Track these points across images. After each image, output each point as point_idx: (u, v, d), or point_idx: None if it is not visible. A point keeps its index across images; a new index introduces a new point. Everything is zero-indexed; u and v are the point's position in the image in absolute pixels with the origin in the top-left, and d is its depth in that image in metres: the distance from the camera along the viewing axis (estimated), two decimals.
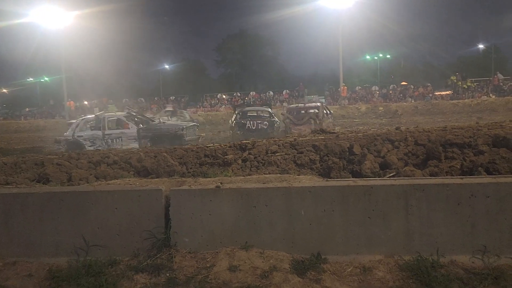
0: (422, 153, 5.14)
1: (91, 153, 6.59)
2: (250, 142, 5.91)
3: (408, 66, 60.36)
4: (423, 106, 33.05)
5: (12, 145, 20.76)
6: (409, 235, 3.62)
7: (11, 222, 4.00)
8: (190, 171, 5.35)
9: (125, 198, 3.93)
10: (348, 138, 5.91)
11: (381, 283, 3.32)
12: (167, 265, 3.66)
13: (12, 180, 4.83)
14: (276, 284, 3.31)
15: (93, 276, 3.57)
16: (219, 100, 46.80)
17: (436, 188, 3.60)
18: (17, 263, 3.88)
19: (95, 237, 3.91)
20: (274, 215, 3.75)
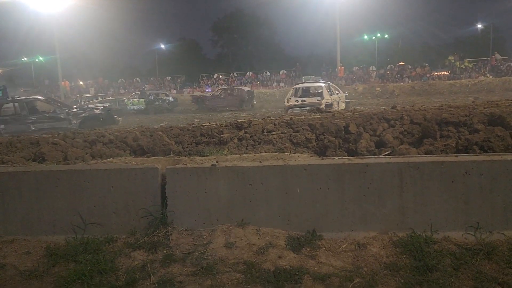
0: (417, 131, 5.15)
1: (86, 133, 6.57)
2: (246, 121, 5.90)
3: (406, 46, 59.93)
4: (420, 86, 32.97)
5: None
6: (403, 212, 3.66)
7: (8, 200, 4.01)
8: (186, 150, 5.35)
9: (121, 177, 3.94)
10: (344, 117, 5.90)
11: (375, 259, 3.37)
12: (164, 242, 3.69)
13: (7, 159, 4.82)
14: (272, 260, 3.36)
15: (90, 253, 3.61)
16: (215, 80, 46.47)
17: (430, 166, 3.63)
18: (15, 241, 3.91)
19: (92, 215, 3.94)
20: (270, 193, 3.78)
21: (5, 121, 13.87)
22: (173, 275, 3.28)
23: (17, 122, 13.84)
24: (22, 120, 13.86)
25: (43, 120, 13.98)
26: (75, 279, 3.26)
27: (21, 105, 14.29)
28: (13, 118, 14.02)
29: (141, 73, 57.49)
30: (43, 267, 3.51)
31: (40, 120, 13.98)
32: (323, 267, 3.29)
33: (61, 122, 13.80)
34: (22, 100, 14.81)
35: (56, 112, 14.31)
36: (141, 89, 33.76)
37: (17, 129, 13.18)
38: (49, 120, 14.03)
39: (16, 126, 13.55)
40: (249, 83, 43.38)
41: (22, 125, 13.66)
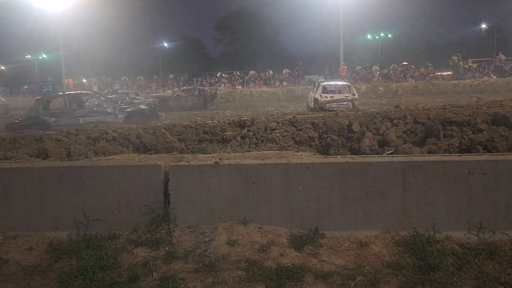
0: (421, 131, 5.14)
1: (89, 129, 6.58)
2: (249, 119, 5.90)
3: (410, 45, 59.78)
4: (424, 86, 32.87)
5: None
6: (406, 211, 3.66)
7: (11, 196, 4.03)
8: (189, 148, 5.35)
9: (124, 174, 3.95)
10: (347, 116, 5.90)
11: (377, 258, 3.37)
12: (166, 239, 3.70)
13: (11, 155, 4.84)
14: (274, 258, 3.36)
15: (93, 249, 3.62)
16: (218, 79, 46.47)
17: (434, 165, 3.62)
18: (18, 236, 3.92)
19: (94, 211, 3.95)
20: (272, 191, 3.78)
21: (55, 114, 14.19)
22: (175, 272, 3.29)
23: (66, 115, 14.13)
24: (72, 114, 14.16)
25: (91, 114, 14.25)
26: (77, 275, 3.27)
27: (70, 99, 14.65)
28: (63, 112, 14.32)
29: (144, 71, 57.49)
30: (45, 263, 3.53)
31: (88, 114, 14.26)
32: (325, 266, 3.29)
33: (108, 116, 14.09)
34: (72, 94, 15.29)
35: (103, 106, 14.60)
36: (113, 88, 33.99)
37: (66, 122, 13.47)
38: (96, 114, 14.27)
39: (65, 120, 13.84)
40: (252, 82, 43.37)
41: (71, 118, 13.94)
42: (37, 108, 14.32)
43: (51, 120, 13.92)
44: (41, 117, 13.98)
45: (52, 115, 14.16)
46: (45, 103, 14.55)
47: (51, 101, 15.00)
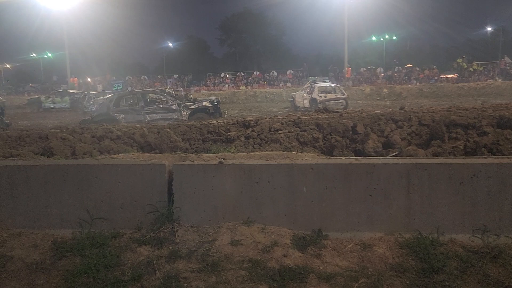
0: (425, 133, 5.13)
1: (95, 128, 6.60)
2: (253, 120, 5.90)
3: (414, 48, 59.61)
4: (428, 88, 32.82)
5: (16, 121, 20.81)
6: (410, 213, 3.64)
7: (16, 193, 4.04)
8: (193, 147, 5.37)
9: (128, 172, 3.96)
10: (351, 118, 5.89)
11: (380, 260, 3.36)
12: (169, 238, 3.70)
13: (16, 153, 4.86)
14: (277, 259, 3.36)
15: (97, 247, 3.62)
16: (222, 79, 46.53)
17: (438, 168, 3.61)
18: (22, 234, 3.93)
19: (99, 210, 3.95)
20: (276, 191, 3.78)
21: (124, 111, 14.51)
22: (178, 271, 3.29)
23: (134, 112, 14.45)
24: (139, 111, 14.47)
25: (157, 111, 14.57)
26: (81, 273, 3.27)
27: (138, 97, 15.01)
28: (131, 109, 14.65)
29: (148, 70, 57.72)
30: (49, 260, 3.53)
31: (155, 111, 14.57)
32: (328, 267, 3.29)
33: (173, 113, 14.43)
34: (140, 92, 15.60)
35: (169, 103, 14.87)
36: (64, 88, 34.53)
37: (134, 119, 13.75)
38: (162, 111, 14.60)
39: (133, 116, 14.14)
40: (256, 83, 43.41)
41: (139, 115, 14.27)
42: (108, 105, 14.72)
43: (120, 116, 14.23)
44: (111, 113, 14.33)
45: (121, 112, 14.49)
46: (115, 100, 14.87)
47: (121, 98, 15.35)
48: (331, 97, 21.82)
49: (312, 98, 21.92)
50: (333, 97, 21.67)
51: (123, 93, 16.06)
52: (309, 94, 22.51)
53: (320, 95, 21.78)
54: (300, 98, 23.77)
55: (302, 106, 22.79)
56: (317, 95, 21.75)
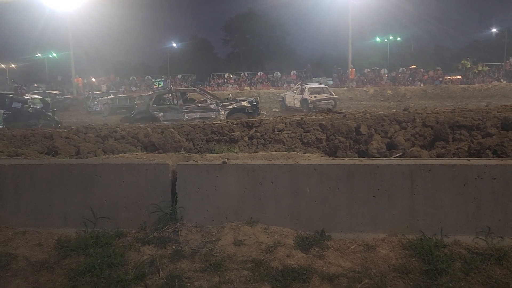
0: (429, 134, 5.11)
1: (99, 127, 6.63)
2: (257, 120, 5.91)
3: (419, 49, 59.44)
4: (432, 90, 32.70)
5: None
6: (414, 214, 3.64)
7: (21, 192, 4.07)
8: (196, 147, 5.38)
9: (132, 172, 3.97)
10: (355, 118, 5.88)
11: (384, 261, 3.36)
12: (173, 238, 3.72)
13: (21, 152, 4.89)
14: (280, 259, 3.36)
15: (101, 246, 3.64)
16: (226, 79, 46.57)
17: (442, 169, 3.60)
18: (27, 232, 3.96)
19: (102, 209, 3.97)
20: (279, 191, 3.78)
21: (163, 109, 14.52)
22: (182, 270, 3.30)
23: (173, 111, 14.47)
24: (178, 110, 14.46)
25: (195, 110, 14.54)
26: (85, 272, 3.29)
27: (177, 95, 14.97)
28: (170, 107, 14.64)
29: (153, 70, 57.86)
30: (54, 259, 3.55)
31: (193, 110, 14.55)
32: (331, 267, 3.29)
33: (211, 112, 14.33)
34: (179, 90, 15.56)
35: (207, 102, 14.80)
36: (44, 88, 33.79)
37: (172, 117, 13.83)
38: (200, 110, 14.55)
39: (172, 115, 14.18)
40: (259, 83, 43.43)
41: (177, 114, 14.29)
42: (148, 103, 14.72)
43: (160, 115, 14.24)
44: (151, 111, 14.32)
45: (160, 110, 14.48)
46: (155, 98, 14.85)
47: (161, 96, 15.32)
48: (321, 97, 23.02)
49: (303, 98, 23.14)
50: (323, 97, 22.96)
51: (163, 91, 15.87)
52: (300, 95, 23.69)
53: (310, 95, 22.95)
54: (290, 99, 24.93)
55: (293, 106, 24.03)
56: (308, 95, 22.93)
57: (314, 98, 22.81)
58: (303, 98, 23.27)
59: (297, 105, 23.72)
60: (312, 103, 22.28)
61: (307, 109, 22.27)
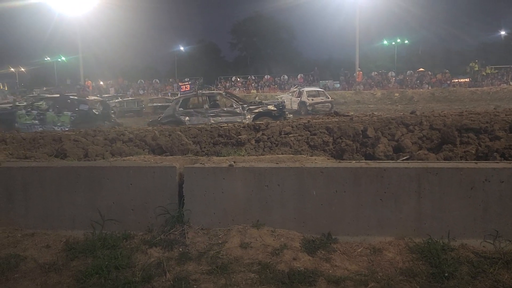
0: (437, 137, 5.10)
1: (107, 131, 6.68)
2: (264, 123, 5.92)
3: (427, 51, 59.11)
4: (440, 93, 32.50)
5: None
6: (421, 218, 3.62)
7: (30, 195, 4.11)
8: (204, 150, 5.40)
9: (140, 174, 4.00)
10: (362, 121, 5.88)
11: (390, 264, 3.35)
12: (180, 240, 3.73)
13: (30, 155, 4.95)
14: (287, 262, 3.36)
15: (108, 248, 3.67)
16: (233, 82, 46.68)
17: (449, 172, 3.58)
18: (35, 234, 4.00)
19: (110, 211, 4.00)
20: (286, 194, 3.79)
21: (189, 113, 14.48)
22: (188, 273, 3.31)
23: (199, 114, 14.39)
24: (204, 113, 14.39)
25: (221, 114, 14.42)
26: (93, 274, 3.31)
27: (203, 99, 15.02)
28: (196, 111, 14.58)
29: (160, 74, 58.19)
30: (62, 261, 3.58)
31: (219, 114, 14.45)
32: (337, 270, 3.28)
33: (237, 116, 14.21)
34: (205, 94, 15.55)
35: (233, 106, 14.74)
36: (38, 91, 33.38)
37: (198, 121, 13.63)
38: (226, 114, 14.42)
39: (197, 119, 14.06)
40: (266, 86, 43.48)
41: (203, 118, 14.15)
42: (174, 107, 14.66)
43: (185, 119, 14.15)
44: (177, 115, 14.27)
45: (186, 114, 14.42)
46: (181, 102, 14.83)
47: (188, 100, 15.29)
48: (318, 100, 24.46)
49: (301, 101, 24.51)
50: (320, 100, 24.39)
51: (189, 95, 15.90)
52: (297, 98, 25.04)
53: (308, 98, 24.36)
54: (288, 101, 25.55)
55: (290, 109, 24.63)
56: (306, 98, 24.35)
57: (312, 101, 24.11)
58: (301, 101, 24.51)
59: (295, 108, 24.57)
60: (311, 105, 23.76)
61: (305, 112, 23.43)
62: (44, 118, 15.27)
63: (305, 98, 24.43)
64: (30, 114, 15.43)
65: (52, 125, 14.89)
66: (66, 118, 15.22)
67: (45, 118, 15.26)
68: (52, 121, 15.17)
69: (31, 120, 15.34)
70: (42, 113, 15.39)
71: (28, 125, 15.17)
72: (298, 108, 24.43)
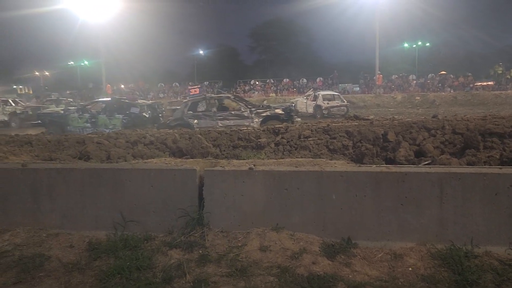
0: (459, 142, 5.01)
1: (128, 133, 6.80)
2: (283, 126, 5.93)
3: (449, 54, 58.01)
4: (463, 96, 31.87)
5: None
6: (443, 223, 3.57)
7: (54, 195, 4.22)
8: (223, 153, 5.44)
9: (160, 177, 4.06)
10: (382, 125, 5.82)
11: (412, 270, 3.30)
12: (200, 242, 3.77)
13: (55, 157, 5.07)
14: (306, 266, 3.36)
15: (130, 249, 3.73)
16: (252, 86, 46.81)
17: (473, 177, 3.52)
18: (60, 234, 4.09)
19: (131, 213, 4.07)
20: (305, 198, 3.78)
21: (198, 116, 14.59)
22: (208, 275, 3.34)
23: (207, 118, 14.51)
24: (212, 117, 14.52)
25: (229, 118, 14.54)
26: (115, 274, 3.37)
27: (212, 102, 15.07)
28: (205, 114, 14.68)
29: (180, 77, 58.76)
30: (85, 261, 3.66)
31: (227, 117, 14.57)
32: (357, 276, 3.26)
33: (244, 120, 14.27)
34: (213, 97, 15.62)
35: (241, 110, 14.80)
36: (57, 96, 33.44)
37: (206, 124, 13.83)
38: (234, 118, 14.52)
39: (206, 122, 14.25)
40: (285, 90, 43.43)
41: (211, 121, 14.33)
42: (183, 110, 14.80)
43: (194, 122, 14.30)
44: (185, 118, 14.41)
45: (194, 117, 14.53)
46: (190, 105, 14.93)
47: (196, 103, 15.34)
48: (333, 104, 24.81)
49: (316, 104, 24.88)
50: (335, 104, 24.76)
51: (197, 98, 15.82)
52: (313, 101, 25.47)
53: (324, 102, 24.71)
54: (302, 105, 26.39)
55: (305, 112, 25.43)
56: (321, 102, 24.71)
57: (327, 105, 24.47)
58: (317, 104, 24.87)
59: (310, 111, 25.12)
60: (326, 109, 24.16)
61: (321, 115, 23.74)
62: (96, 121, 15.51)
63: (320, 102, 24.79)
64: (83, 117, 15.68)
65: (104, 128, 15.08)
66: (118, 121, 15.44)
67: (97, 121, 15.50)
68: (104, 124, 15.39)
69: (83, 123, 15.59)
70: (94, 116, 15.63)
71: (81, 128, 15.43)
72: (314, 111, 24.83)
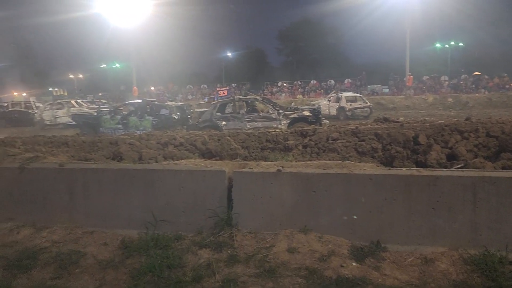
0: (494, 145, 4.87)
1: (159, 135, 6.95)
2: (311, 129, 5.92)
3: (483, 54, 56.14)
4: (498, 98, 30.74)
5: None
6: (476, 228, 3.49)
7: (89, 195, 4.38)
8: (252, 155, 5.49)
9: (190, 178, 4.14)
10: (413, 128, 5.72)
11: (443, 275, 3.25)
12: (228, 243, 3.82)
13: (90, 157, 5.26)
14: (334, 268, 3.35)
15: (160, 248, 3.83)
16: (279, 88, 46.79)
17: (508, 182, 3.43)
18: (94, 232, 4.25)
19: (162, 212, 4.17)
20: (333, 200, 3.78)
21: (226, 118, 14.81)
22: (237, 275, 3.39)
23: (236, 119, 14.71)
24: (240, 118, 14.70)
25: (256, 119, 14.67)
26: (146, 272, 3.47)
27: (240, 104, 15.42)
28: (233, 116, 14.87)
29: (208, 79, 59.42)
30: (118, 258, 3.78)
31: (255, 119, 14.70)
32: (387, 280, 3.23)
33: (272, 122, 14.42)
34: (242, 99, 15.96)
35: (269, 112, 14.93)
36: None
37: (234, 126, 14.03)
38: (262, 119, 14.65)
39: (234, 124, 14.44)
40: (312, 91, 43.21)
41: (239, 122, 14.51)
42: (211, 112, 14.99)
43: (222, 124, 14.46)
44: (214, 120, 14.59)
45: (223, 119, 14.70)
46: (218, 107, 15.12)
47: (225, 105, 15.58)
48: (357, 105, 24.57)
49: (340, 106, 24.72)
50: (358, 106, 24.52)
51: (226, 100, 16.07)
52: (336, 103, 25.34)
53: (347, 103, 24.53)
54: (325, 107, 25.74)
55: (328, 114, 24.81)
56: (344, 103, 24.53)
57: (351, 106, 24.24)
58: (340, 106, 24.67)
59: (333, 113, 24.88)
60: (350, 111, 23.98)
61: (344, 117, 23.55)
62: (127, 122, 15.87)
63: (344, 104, 24.62)
64: (114, 118, 16.09)
65: (135, 129, 15.36)
66: (148, 123, 15.73)
67: (128, 123, 15.85)
68: (135, 125, 15.72)
69: (115, 125, 15.96)
70: (125, 118, 16.03)
71: (112, 129, 15.78)
72: (337, 113, 24.68)
